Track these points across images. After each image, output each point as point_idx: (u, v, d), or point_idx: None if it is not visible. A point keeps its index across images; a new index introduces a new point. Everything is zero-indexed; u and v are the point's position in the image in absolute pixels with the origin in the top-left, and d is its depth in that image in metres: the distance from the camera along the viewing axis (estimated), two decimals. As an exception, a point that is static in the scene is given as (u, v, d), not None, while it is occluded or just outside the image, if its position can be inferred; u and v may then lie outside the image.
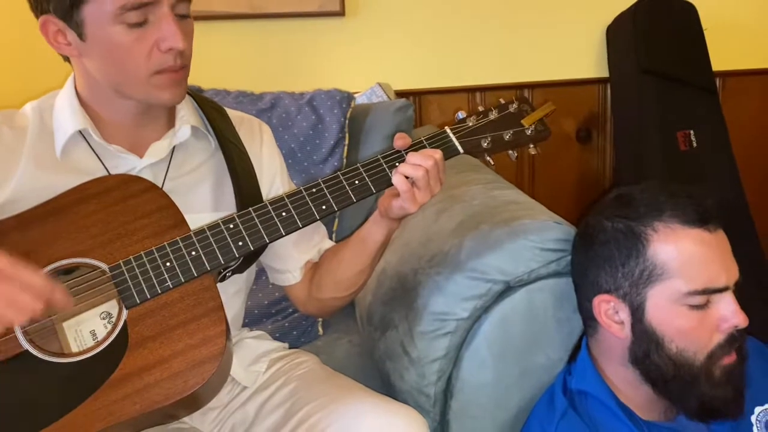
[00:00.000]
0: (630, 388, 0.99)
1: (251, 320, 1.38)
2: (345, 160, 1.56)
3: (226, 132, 1.05)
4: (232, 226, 0.92)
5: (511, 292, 1.06)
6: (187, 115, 1.01)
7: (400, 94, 1.87)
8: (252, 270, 1.12)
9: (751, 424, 1.02)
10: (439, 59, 1.95)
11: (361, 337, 1.37)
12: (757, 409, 1.03)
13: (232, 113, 1.10)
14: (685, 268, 0.91)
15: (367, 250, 1.03)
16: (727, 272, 0.92)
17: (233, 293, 1.08)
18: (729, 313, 0.91)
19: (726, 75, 2.04)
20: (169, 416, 0.88)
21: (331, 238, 1.19)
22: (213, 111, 1.07)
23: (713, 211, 0.94)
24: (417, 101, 1.95)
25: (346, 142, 1.57)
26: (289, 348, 1.16)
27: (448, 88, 1.97)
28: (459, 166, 1.45)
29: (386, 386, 1.18)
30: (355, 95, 1.70)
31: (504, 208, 1.19)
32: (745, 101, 2.08)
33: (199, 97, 1.07)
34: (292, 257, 1.10)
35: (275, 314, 1.41)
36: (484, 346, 1.06)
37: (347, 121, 1.58)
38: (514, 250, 1.06)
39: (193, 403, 0.87)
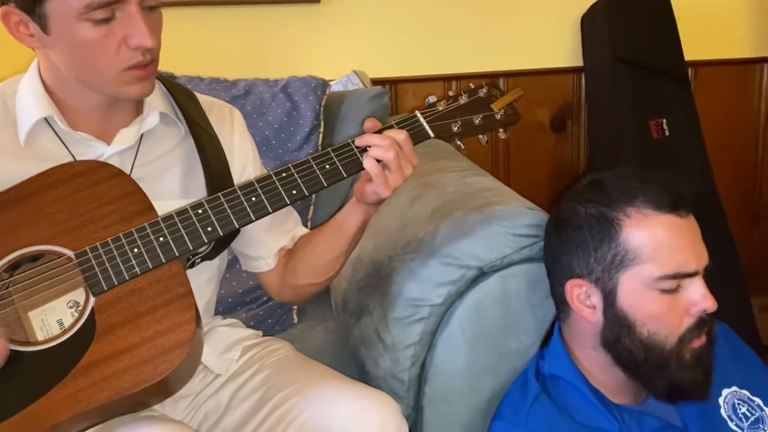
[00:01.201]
0: (601, 371, 0.99)
1: (225, 309, 1.37)
2: (320, 148, 1.55)
3: (196, 117, 1.03)
4: (200, 211, 0.90)
5: (485, 278, 1.06)
6: (156, 101, 0.99)
7: (375, 82, 1.86)
8: (224, 257, 1.11)
9: (719, 406, 1.03)
10: (415, 48, 1.95)
11: (337, 325, 1.36)
12: (725, 391, 1.04)
13: (202, 98, 1.09)
14: (656, 253, 0.92)
15: (343, 236, 1.02)
16: (698, 257, 0.93)
17: (205, 281, 1.06)
18: (699, 298, 0.92)
19: (698, 65, 2.06)
20: (138, 404, 0.87)
21: (306, 227, 1.18)
22: (183, 96, 1.05)
23: (685, 197, 0.95)
24: (393, 89, 1.94)
25: (321, 129, 1.55)
26: (264, 336, 1.15)
27: (423, 77, 1.96)
28: (434, 153, 1.45)
29: (361, 373, 1.18)
30: (331, 83, 1.69)
31: (478, 194, 1.19)
32: (716, 91, 2.10)
33: (168, 82, 1.05)
34: (266, 244, 1.09)
35: (249, 302, 1.40)
36: (458, 331, 1.06)
37: (322, 109, 1.56)
38: (488, 236, 1.06)
39: (164, 390, 0.86)
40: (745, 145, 2.16)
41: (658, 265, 0.91)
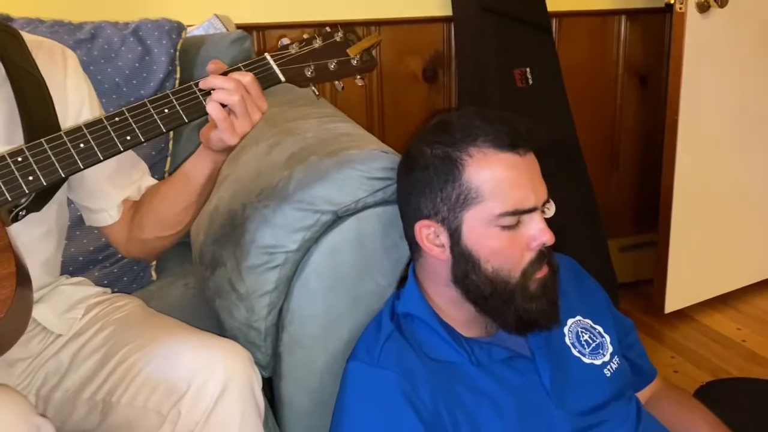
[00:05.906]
0: (453, 307, 1.02)
1: (76, 268, 1.29)
2: (177, 96, 1.47)
3: (17, 58, 0.94)
4: (20, 159, 0.83)
5: (340, 222, 1.06)
6: None
7: (241, 28, 1.77)
8: (63, 208, 1.04)
9: (564, 335, 1.09)
10: (285, -8, 1.88)
11: (197, 279, 1.32)
12: (570, 321, 1.10)
13: (29, 38, 0.99)
14: (496, 191, 0.95)
15: (191, 186, 0.98)
16: (536, 193, 0.97)
17: (40, 235, 0.99)
18: (537, 232, 0.96)
19: (561, 15, 2.14)
20: (-46, 369, 0.80)
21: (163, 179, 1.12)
22: (3, 34, 0.95)
23: (524, 135, 0.97)
24: (260, 36, 1.87)
25: (177, 75, 1.47)
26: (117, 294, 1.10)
27: (293, 23, 1.91)
28: (298, 100, 1.41)
29: (218, 325, 1.16)
30: (190, 28, 1.60)
31: (335, 140, 1.18)
32: (578, 41, 2.19)
33: None
34: (107, 195, 1.03)
35: (102, 260, 1.33)
36: (314, 277, 1.05)
37: (178, 54, 1.48)
38: (341, 179, 1.05)
39: (-17, 353, 0.80)
40: (605, 93, 2.28)
41: (498, 202, 0.94)
